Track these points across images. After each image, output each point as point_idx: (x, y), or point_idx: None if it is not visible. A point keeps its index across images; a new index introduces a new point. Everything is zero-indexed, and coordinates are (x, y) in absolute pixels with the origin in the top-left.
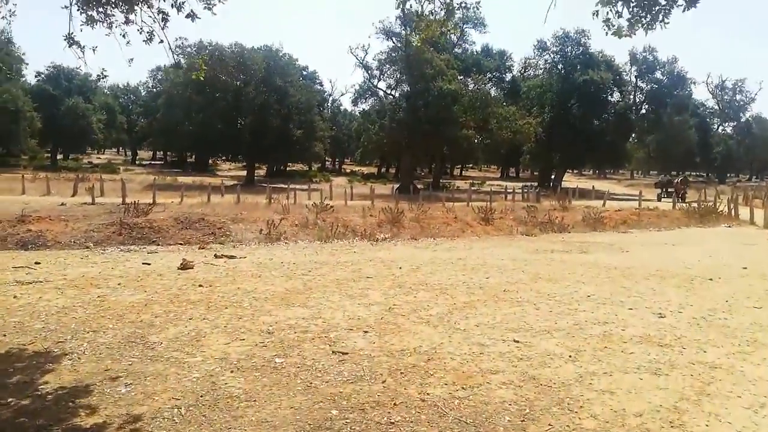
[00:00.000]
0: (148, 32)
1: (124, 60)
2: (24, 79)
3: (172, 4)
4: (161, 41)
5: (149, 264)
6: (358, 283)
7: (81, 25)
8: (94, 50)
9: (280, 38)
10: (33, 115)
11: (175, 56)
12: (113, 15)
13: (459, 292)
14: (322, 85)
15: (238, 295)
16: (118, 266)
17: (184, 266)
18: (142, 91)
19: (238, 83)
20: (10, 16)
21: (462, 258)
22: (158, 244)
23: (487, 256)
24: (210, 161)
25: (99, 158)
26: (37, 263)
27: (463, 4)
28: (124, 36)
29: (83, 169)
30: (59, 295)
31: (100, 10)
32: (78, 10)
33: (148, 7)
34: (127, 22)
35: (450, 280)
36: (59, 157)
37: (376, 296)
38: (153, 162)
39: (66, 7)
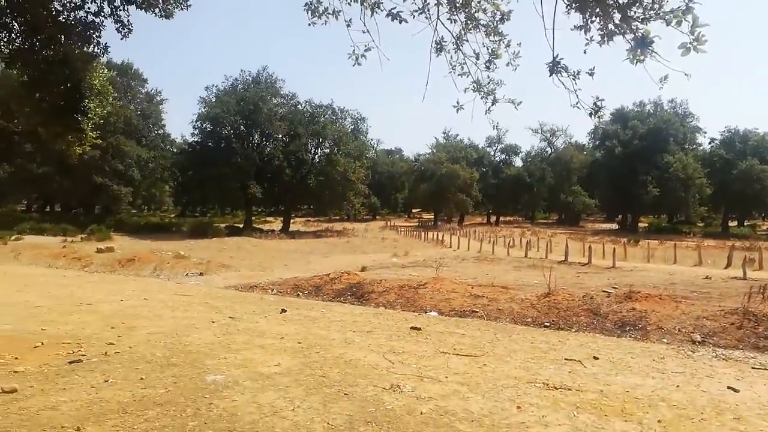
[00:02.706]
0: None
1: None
2: (700, 146)
3: None
4: None
5: (737, 391)
6: None
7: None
8: (591, 74)
9: None
10: (702, 182)
11: None
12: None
13: None
14: None
15: None
16: (692, 383)
17: None
18: None
19: None
20: (515, 59)
21: None
22: None
23: None
24: None
25: None
26: (595, 358)
27: None
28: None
29: (755, 236)
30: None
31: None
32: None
33: None
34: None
35: None
36: (732, 224)
37: None
38: None
39: (578, 27)
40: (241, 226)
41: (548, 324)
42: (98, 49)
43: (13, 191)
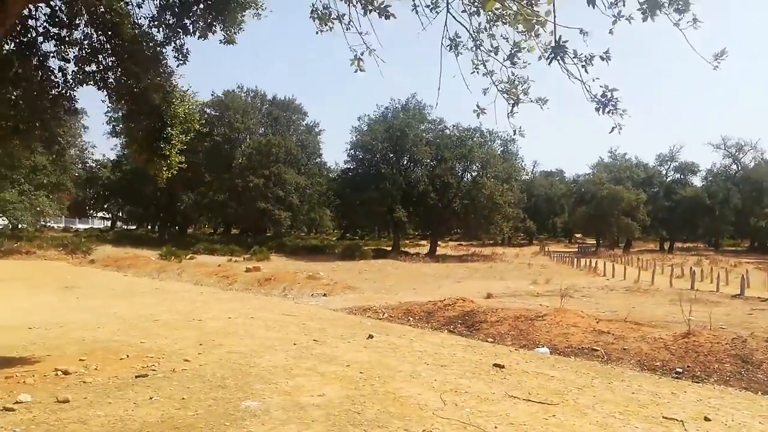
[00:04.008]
0: None
1: None
2: None
3: None
4: None
5: None
6: None
7: None
8: (606, 58)
9: None
10: None
11: None
12: None
13: None
14: None
15: None
16: None
17: None
18: None
19: None
20: (547, 52)
21: None
22: None
23: None
24: None
25: None
26: (706, 419)
27: None
28: None
29: None
30: None
31: None
32: None
33: None
34: None
35: None
36: None
37: None
38: None
39: None
40: (390, 249)
41: (680, 370)
42: (163, 77)
43: (197, 216)
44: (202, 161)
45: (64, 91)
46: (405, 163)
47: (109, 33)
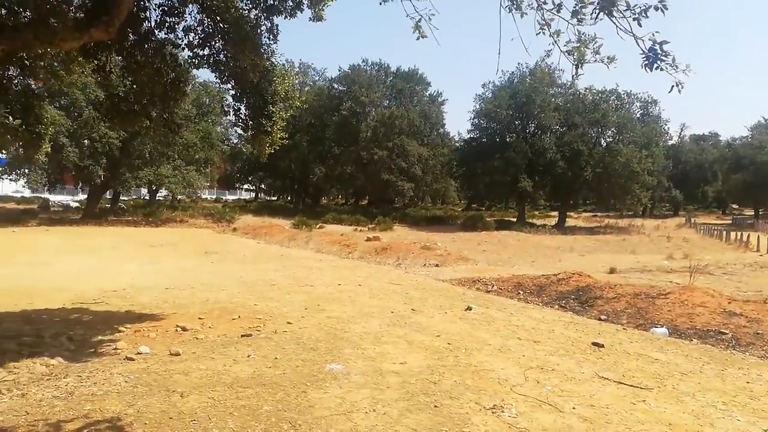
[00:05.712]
0: None
1: None
2: None
3: None
4: None
5: None
6: None
7: None
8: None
9: None
10: None
11: None
12: None
13: None
14: None
15: None
16: None
17: None
18: None
19: None
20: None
21: None
22: None
23: None
24: None
25: None
26: None
27: None
28: None
29: None
30: None
31: None
32: None
33: None
34: None
35: None
36: None
37: None
38: None
39: None
40: (515, 219)
41: None
42: (259, 57)
43: (328, 187)
44: (332, 135)
45: (178, 75)
46: (531, 130)
47: (217, 18)
